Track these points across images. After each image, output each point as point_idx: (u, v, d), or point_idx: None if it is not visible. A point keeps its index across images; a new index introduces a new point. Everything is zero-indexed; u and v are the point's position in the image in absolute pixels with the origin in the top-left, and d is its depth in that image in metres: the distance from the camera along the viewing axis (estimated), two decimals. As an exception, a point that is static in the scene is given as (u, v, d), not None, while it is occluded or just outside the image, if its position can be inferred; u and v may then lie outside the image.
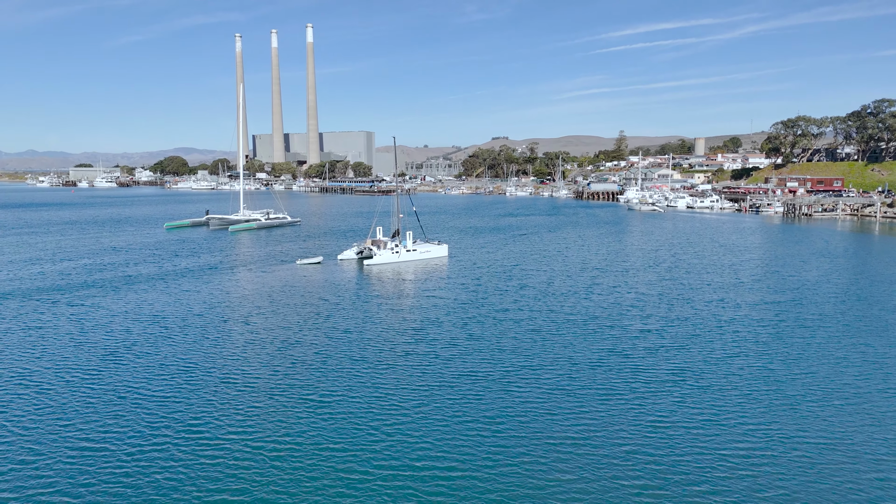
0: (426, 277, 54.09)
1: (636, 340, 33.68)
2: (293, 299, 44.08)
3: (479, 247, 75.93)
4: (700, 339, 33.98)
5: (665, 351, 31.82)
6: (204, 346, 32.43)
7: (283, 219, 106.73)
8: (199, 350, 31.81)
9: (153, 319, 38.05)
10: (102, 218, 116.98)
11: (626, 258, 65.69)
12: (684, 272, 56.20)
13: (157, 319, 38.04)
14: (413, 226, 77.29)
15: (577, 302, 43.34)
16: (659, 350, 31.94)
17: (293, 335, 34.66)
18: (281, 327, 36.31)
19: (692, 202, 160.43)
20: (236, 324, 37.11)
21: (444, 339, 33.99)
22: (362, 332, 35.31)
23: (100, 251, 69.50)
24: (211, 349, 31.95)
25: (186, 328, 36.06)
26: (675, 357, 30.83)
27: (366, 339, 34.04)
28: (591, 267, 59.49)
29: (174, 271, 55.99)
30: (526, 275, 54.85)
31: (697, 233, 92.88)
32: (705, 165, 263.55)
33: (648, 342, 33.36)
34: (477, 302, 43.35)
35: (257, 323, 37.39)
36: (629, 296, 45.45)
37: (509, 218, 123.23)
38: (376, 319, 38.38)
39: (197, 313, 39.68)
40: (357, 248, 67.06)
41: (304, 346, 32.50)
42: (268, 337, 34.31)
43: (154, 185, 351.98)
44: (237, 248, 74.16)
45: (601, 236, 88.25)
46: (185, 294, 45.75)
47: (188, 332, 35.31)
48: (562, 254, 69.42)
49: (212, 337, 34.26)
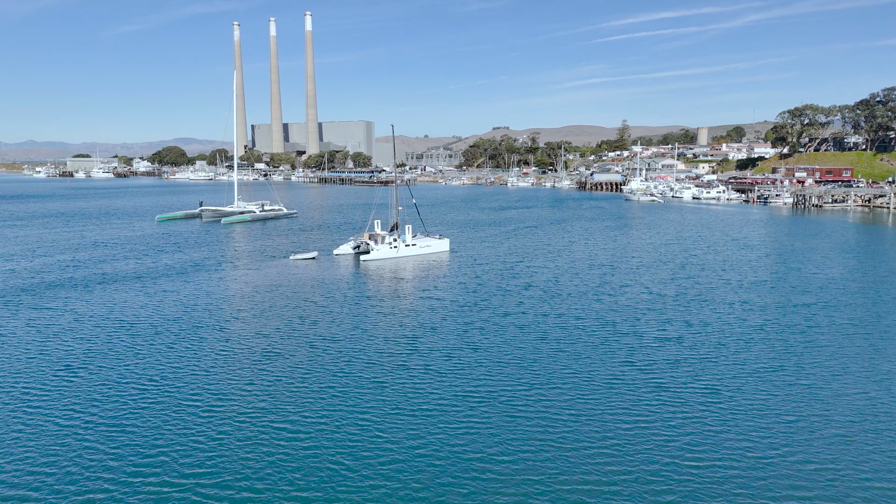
0: (425, 275, 50.69)
1: (656, 351, 30.26)
2: (280, 301, 40.67)
3: (481, 241, 72.48)
4: (728, 350, 30.53)
5: (690, 364, 28.38)
6: (172, 358, 29.03)
7: (278, 210, 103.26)
8: (166, 362, 28.41)
9: (121, 325, 34.61)
10: (91, 210, 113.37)
11: (634, 253, 62.21)
12: (699, 269, 52.73)
13: (125, 325, 34.61)
14: (412, 219, 73.83)
15: (587, 304, 39.91)
16: (683, 363, 28.50)
17: (273, 345, 31.22)
18: (261, 335, 32.86)
19: (698, 193, 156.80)
20: (210, 331, 33.66)
21: (441, 350, 30.58)
22: (351, 342, 31.90)
23: (81, 246, 66.06)
24: (180, 361, 28.56)
25: (154, 336, 32.61)
26: (702, 372, 27.39)
27: (354, 351, 30.64)
28: (598, 263, 56.05)
29: (154, 268, 52.56)
30: (530, 272, 51.43)
31: (707, 225, 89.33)
32: (710, 155, 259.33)
33: (670, 353, 29.93)
34: (478, 304, 39.94)
35: (234, 331, 33.95)
36: (643, 297, 41.99)
37: (511, 210, 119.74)
38: (368, 326, 34.97)
39: (171, 317, 36.25)
40: (354, 242, 63.72)
41: (282, 359, 29.08)
42: (244, 348, 30.89)
43: (152, 175, 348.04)
44: (228, 241, 70.74)
45: (607, 229, 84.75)
46: (162, 295, 42.30)
47: (155, 341, 31.87)
48: (567, 248, 65.96)
49: (181, 348, 30.85)
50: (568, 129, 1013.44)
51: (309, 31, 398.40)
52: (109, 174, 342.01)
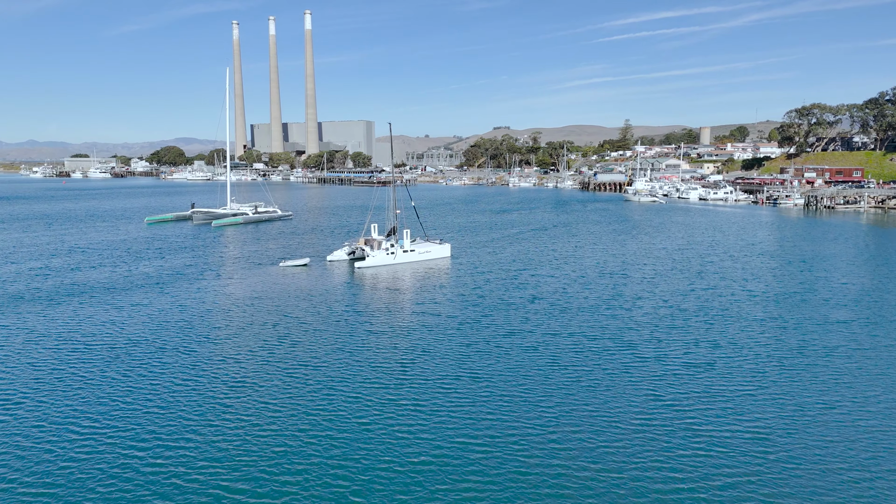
0: (423, 285, 46.82)
1: (685, 381, 26.32)
2: (261, 316, 36.78)
3: (483, 245, 68.58)
4: (768, 380, 26.55)
5: (726, 399, 24.42)
6: (123, 391, 25.17)
7: (272, 212, 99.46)
8: (118, 396, 24.56)
9: (74, 347, 30.71)
10: (79, 212, 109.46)
11: (647, 260, 58.29)
12: (719, 278, 48.79)
13: (80, 346, 30.69)
14: (411, 222, 70.01)
15: (601, 321, 36.00)
16: (718, 398, 24.53)
17: (242, 373, 27.32)
18: (229, 360, 28.94)
19: (705, 194, 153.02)
20: (173, 354, 29.73)
21: (436, 380, 26.68)
22: (333, 369, 28.00)
23: (57, 252, 62.21)
24: (133, 394, 24.70)
25: (109, 362, 28.71)
26: (744, 409, 23.39)
27: (335, 380, 26.73)
28: (609, 272, 52.14)
29: (129, 278, 48.67)
30: (536, 282, 47.52)
31: (719, 228, 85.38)
32: (714, 155, 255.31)
33: (701, 384, 25.98)
34: (480, 321, 36.03)
35: (200, 354, 30.00)
36: (662, 312, 38.05)
37: (514, 213, 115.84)
38: (354, 348, 31.07)
39: (132, 338, 32.33)
40: (349, 247, 59.88)
41: (250, 393, 25.19)
42: (207, 376, 27.00)
43: (150, 175, 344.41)
44: (215, 246, 66.88)
45: (615, 233, 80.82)
46: (130, 310, 38.38)
47: (108, 368, 27.98)
48: (574, 255, 62.04)
49: (136, 375, 26.97)
50: (569, 128, 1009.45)
51: (308, 30, 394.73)
52: (106, 174, 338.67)
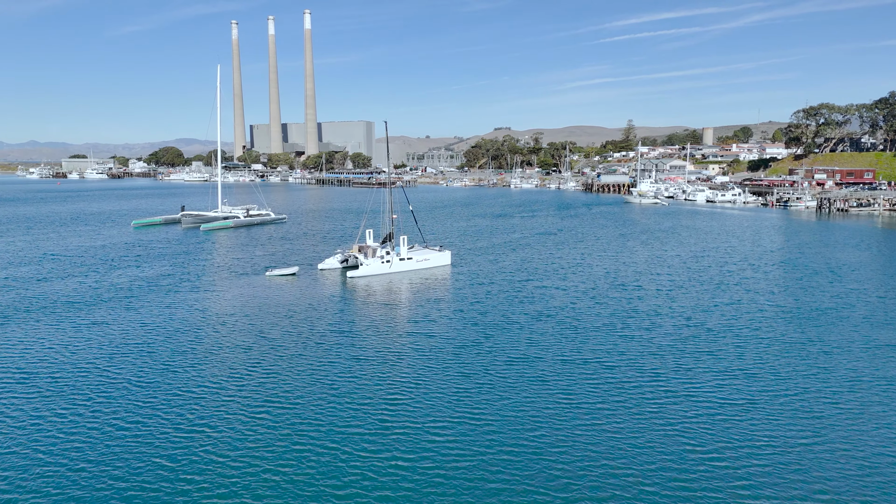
0: (420, 297, 42.90)
1: (728, 429, 22.30)
2: (236, 335, 32.80)
3: (485, 252, 64.60)
4: (822, 425, 22.61)
5: (782, 452, 20.48)
6: (68, 421, 21.24)
7: (265, 216, 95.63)
8: (62, 426, 20.61)
9: (18, 372, 26.81)
10: (65, 215, 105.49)
11: (661, 269, 54.33)
12: (743, 291, 44.81)
13: (22, 374, 26.81)
14: (409, 227, 66.14)
15: (618, 345, 32.03)
16: (769, 449, 20.58)
17: (206, 407, 23.40)
18: (192, 389, 24.99)
19: (712, 196, 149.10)
20: (126, 382, 25.78)
21: (429, 420, 22.71)
22: (308, 404, 24.04)
23: (27, 259, 58.22)
24: (78, 425, 20.77)
25: (54, 394, 24.78)
26: (807, 468, 19.49)
27: (311, 416, 22.80)
28: (621, 283, 48.18)
29: (96, 290, 44.64)
30: (543, 295, 43.56)
31: (732, 233, 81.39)
32: (719, 156, 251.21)
33: (746, 431, 21.98)
34: (480, 342, 32.07)
35: (155, 383, 26.08)
36: (686, 333, 34.05)
37: (516, 218, 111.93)
38: (336, 377, 27.09)
39: (85, 362, 28.37)
40: (341, 255, 55.99)
41: (215, 426, 21.24)
42: (165, 408, 23.06)
43: (148, 176, 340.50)
44: (200, 253, 62.94)
45: (622, 239, 76.83)
46: (88, 330, 34.37)
47: (54, 399, 24.04)
48: (582, 263, 58.04)
49: (83, 401, 23.02)
50: (570, 129, 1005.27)
51: (308, 30, 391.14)
52: (103, 175, 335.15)
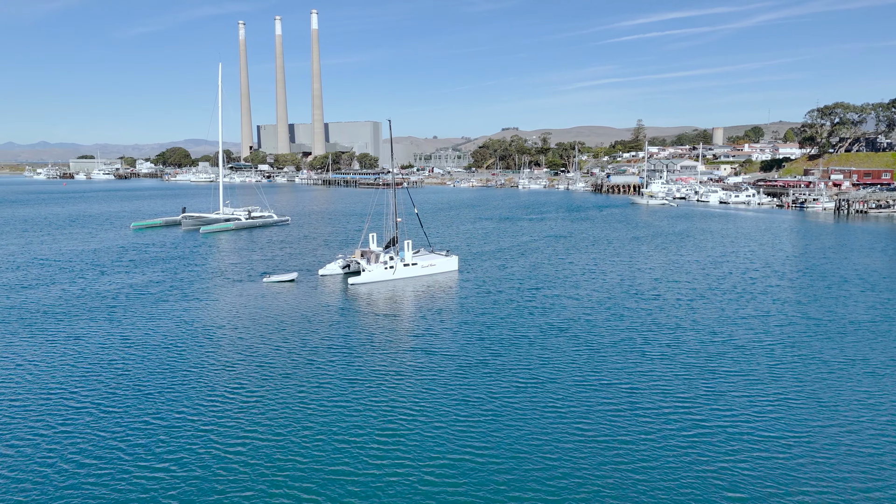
0: (424, 307, 40.37)
1: (774, 468, 19.67)
2: (222, 349, 30.35)
3: (493, 257, 61.95)
4: (891, 467, 19.92)
5: (831, 500, 17.82)
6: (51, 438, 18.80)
7: (267, 217, 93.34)
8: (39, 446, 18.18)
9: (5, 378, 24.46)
10: (63, 216, 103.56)
11: (679, 276, 51.55)
12: (770, 301, 41.96)
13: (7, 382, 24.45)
14: (414, 231, 63.71)
15: (639, 365, 29.32)
16: (821, 494, 17.93)
17: (187, 434, 20.91)
18: (168, 412, 22.53)
19: (725, 197, 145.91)
20: (93, 410, 23.38)
21: (428, 454, 20.17)
22: (297, 433, 21.55)
23: (14, 265, 56.07)
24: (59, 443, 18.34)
25: (18, 414, 22.38)
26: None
27: (300, 448, 20.29)
28: (638, 292, 45.43)
29: (80, 298, 42.33)
30: (554, 305, 40.90)
31: (749, 236, 78.38)
32: (731, 156, 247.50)
33: (790, 470, 19.33)
34: (489, 362, 29.46)
35: (132, 407, 23.62)
36: (713, 350, 31.31)
37: (524, 221, 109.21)
38: (326, 401, 24.58)
39: (52, 379, 25.97)
40: (342, 260, 53.53)
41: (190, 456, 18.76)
42: (144, 434, 20.60)
43: (155, 177, 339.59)
44: (196, 257, 60.62)
45: (636, 242, 73.99)
46: (64, 343, 32.03)
47: (28, 417, 21.64)
48: (595, 270, 55.30)
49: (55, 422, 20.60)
50: (578, 129, 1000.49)
51: (315, 30, 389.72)
52: (110, 175, 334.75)
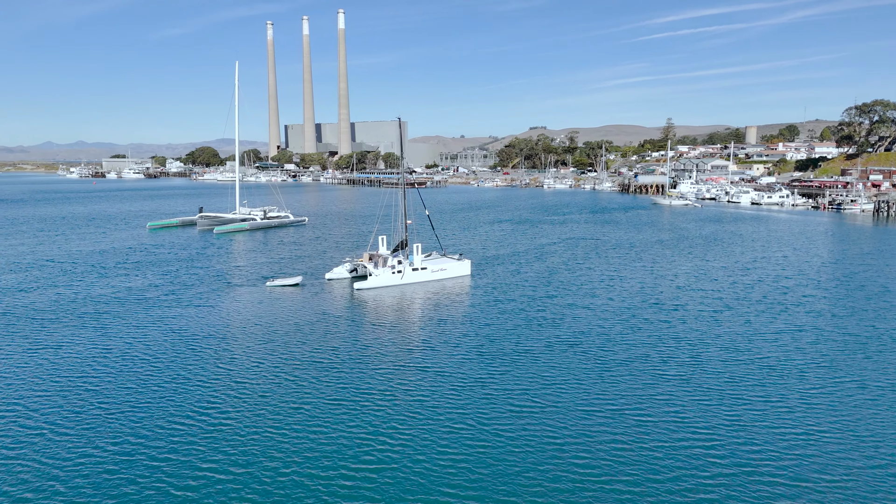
0: (432, 315, 38.05)
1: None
2: (211, 362, 28.41)
3: (509, 260, 59.33)
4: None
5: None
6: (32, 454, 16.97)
7: (283, 218, 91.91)
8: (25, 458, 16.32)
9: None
10: (81, 216, 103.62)
11: (704, 285, 48.32)
12: (804, 314, 38.62)
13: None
14: (425, 234, 61.45)
15: (656, 385, 26.52)
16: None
17: (171, 464, 18.86)
18: (145, 432, 20.53)
19: (757, 197, 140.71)
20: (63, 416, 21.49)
21: (410, 490, 17.82)
22: (281, 463, 19.36)
23: (19, 266, 55.23)
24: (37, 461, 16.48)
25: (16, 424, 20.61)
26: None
27: (281, 459, 18.09)
28: (658, 300, 42.45)
29: (71, 303, 40.89)
30: (568, 314, 38.19)
31: (783, 241, 74.34)
32: (764, 155, 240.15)
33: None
34: (496, 378, 26.99)
35: (106, 422, 21.68)
36: (740, 370, 28.33)
37: (546, 220, 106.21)
38: (312, 422, 22.39)
39: (38, 385, 24.21)
40: (350, 264, 51.46)
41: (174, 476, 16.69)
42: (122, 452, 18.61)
43: (184, 176, 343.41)
44: (204, 259, 59.14)
45: (661, 246, 70.62)
46: (49, 352, 30.41)
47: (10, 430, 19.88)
48: (615, 276, 52.33)
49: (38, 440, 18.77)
50: (607, 128, 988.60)
51: (342, 29, 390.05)
52: (140, 175, 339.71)
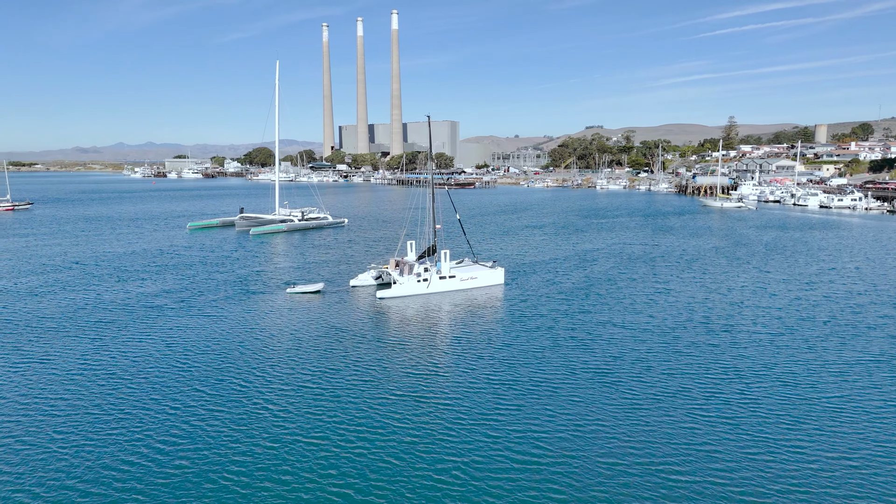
0: (458, 329, 34.63)
1: None
2: (214, 377, 25.83)
3: (547, 268, 55.24)
4: None
5: None
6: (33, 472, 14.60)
7: (322, 219, 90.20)
8: None
9: None
10: (125, 216, 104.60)
11: (762, 301, 43.16)
12: (880, 339, 33.16)
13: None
14: (456, 239, 58.10)
15: (689, 427, 22.29)
16: None
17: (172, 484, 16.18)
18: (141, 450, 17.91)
19: (827, 200, 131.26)
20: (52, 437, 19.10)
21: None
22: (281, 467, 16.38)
23: (48, 267, 54.53)
24: None
25: None
26: None
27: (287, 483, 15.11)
28: (708, 320, 37.81)
29: (81, 308, 39.22)
30: (603, 334, 34.11)
31: (855, 250, 67.38)
32: (835, 155, 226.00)
33: None
34: (495, 419, 23.32)
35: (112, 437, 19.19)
36: (801, 412, 23.66)
37: (594, 226, 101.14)
38: (311, 440, 19.33)
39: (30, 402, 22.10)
40: (375, 270, 48.58)
41: None
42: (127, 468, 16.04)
43: (240, 175, 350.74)
44: (230, 262, 57.33)
45: (717, 254, 65.10)
46: (40, 363, 28.46)
47: None
48: (659, 288, 47.60)
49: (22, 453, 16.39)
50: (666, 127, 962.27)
51: (395, 30, 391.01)
52: (198, 174, 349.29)
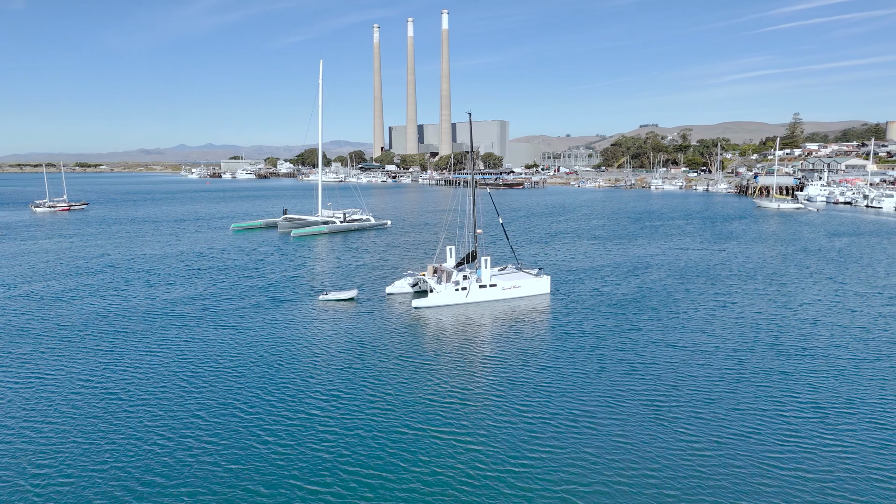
0: (494, 345, 31.69)
1: None
2: (236, 390, 23.67)
3: (597, 276, 51.49)
4: None
5: None
6: None
7: (364, 220, 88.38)
8: None
9: None
10: (174, 217, 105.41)
11: (838, 317, 38.50)
12: None
13: None
14: (499, 243, 54.94)
15: (755, 476, 18.83)
16: None
17: None
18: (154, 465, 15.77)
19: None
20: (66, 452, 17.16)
21: None
22: None
23: (85, 269, 54.09)
24: None
25: None
26: None
27: None
28: (777, 339, 33.65)
29: (104, 315, 37.94)
30: (654, 354, 30.48)
31: (943, 256, 61.14)
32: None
33: None
34: (545, 458, 20.30)
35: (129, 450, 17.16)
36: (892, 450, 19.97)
37: (645, 231, 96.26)
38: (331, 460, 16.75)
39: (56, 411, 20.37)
40: (412, 277, 45.95)
41: None
42: None
43: (292, 176, 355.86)
44: (268, 265, 55.73)
45: (784, 260, 59.89)
46: (50, 375, 26.95)
47: None
48: (718, 300, 43.38)
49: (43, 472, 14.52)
50: (725, 125, 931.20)
51: (445, 30, 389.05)
52: (252, 175, 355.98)
